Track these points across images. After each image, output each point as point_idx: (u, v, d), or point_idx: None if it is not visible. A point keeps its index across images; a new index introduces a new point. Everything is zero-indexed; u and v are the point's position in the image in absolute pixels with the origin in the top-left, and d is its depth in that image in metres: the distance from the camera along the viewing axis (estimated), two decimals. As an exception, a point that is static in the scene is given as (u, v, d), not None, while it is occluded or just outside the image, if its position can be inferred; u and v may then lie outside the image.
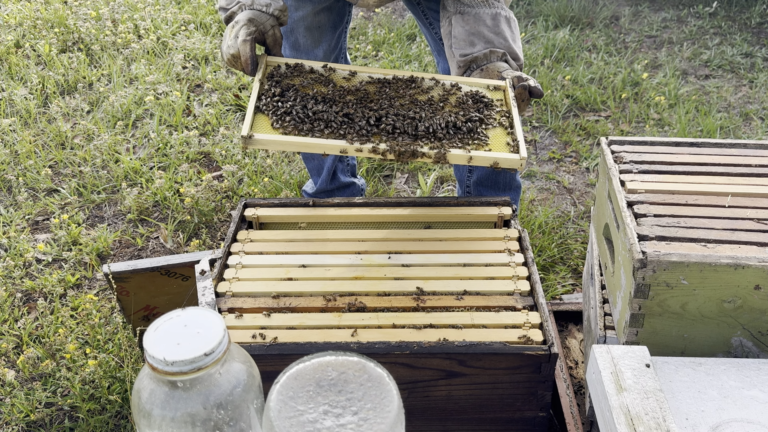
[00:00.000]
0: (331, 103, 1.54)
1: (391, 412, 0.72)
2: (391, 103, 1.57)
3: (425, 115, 1.53)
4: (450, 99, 1.62)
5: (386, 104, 1.56)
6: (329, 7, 2.01)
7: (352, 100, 1.56)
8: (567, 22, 4.34)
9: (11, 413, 1.82)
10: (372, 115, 1.51)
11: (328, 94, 1.56)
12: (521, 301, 1.41)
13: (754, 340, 1.27)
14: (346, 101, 1.55)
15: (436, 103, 1.60)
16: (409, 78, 1.67)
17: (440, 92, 1.64)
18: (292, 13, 1.98)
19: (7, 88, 3.47)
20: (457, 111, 1.57)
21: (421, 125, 1.50)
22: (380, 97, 1.59)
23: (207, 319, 0.82)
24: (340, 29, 2.10)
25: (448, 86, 1.66)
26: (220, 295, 1.43)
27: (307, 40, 2.04)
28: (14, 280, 2.30)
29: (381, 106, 1.55)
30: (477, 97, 1.63)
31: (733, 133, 3.18)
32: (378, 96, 1.60)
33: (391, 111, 1.53)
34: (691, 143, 1.60)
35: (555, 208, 2.68)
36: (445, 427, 1.37)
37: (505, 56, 1.72)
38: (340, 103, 1.54)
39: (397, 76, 1.68)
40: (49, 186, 2.80)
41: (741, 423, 1.07)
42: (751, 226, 1.30)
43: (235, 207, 2.52)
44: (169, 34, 4.06)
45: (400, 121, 1.50)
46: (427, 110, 1.56)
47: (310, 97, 1.54)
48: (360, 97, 1.58)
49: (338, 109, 1.52)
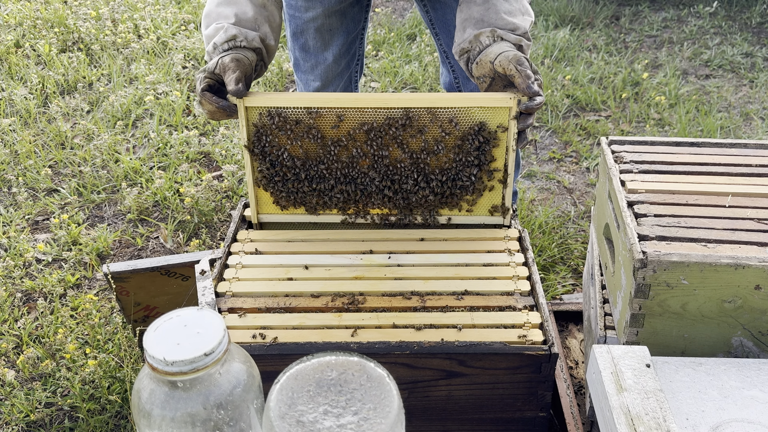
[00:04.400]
0: (324, 178, 1.59)
1: (391, 412, 0.72)
2: (381, 170, 1.57)
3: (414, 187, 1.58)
4: (446, 142, 1.54)
5: (376, 172, 1.58)
6: (342, 11, 1.96)
7: (342, 166, 1.57)
8: (567, 21, 4.34)
9: (11, 413, 1.82)
10: (363, 189, 1.60)
11: (321, 162, 1.58)
12: (521, 301, 1.41)
13: (755, 340, 1.27)
14: (338, 170, 1.58)
15: (430, 152, 1.54)
16: (403, 117, 1.52)
17: (437, 131, 1.53)
18: (302, 13, 1.94)
19: (7, 88, 3.47)
20: (452, 160, 1.55)
21: (413, 197, 1.60)
22: (370, 152, 1.55)
23: (207, 319, 0.82)
24: (354, 35, 2.04)
25: (446, 121, 1.52)
26: (220, 295, 1.43)
27: (317, 42, 1.99)
28: (14, 280, 2.30)
29: (371, 177, 1.58)
30: (475, 133, 1.53)
31: (734, 133, 3.18)
32: (368, 149, 1.55)
33: (382, 184, 1.59)
34: (691, 143, 1.60)
35: (555, 208, 2.68)
36: (445, 427, 1.37)
37: (494, 33, 1.52)
38: (332, 178, 1.59)
39: (390, 116, 1.52)
40: (49, 186, 2.80)
41: (741, 423, 1.07)
42: (752, 226, 1.30)
43: (235, 207, 2.52)
44: (169, 33, 4.06)
45: (390, 196, 1.60)
46: (419, 176, 1.57)
47: (301, 167, 1.58)
48: (351, 159, 1.56)
49: (332, 190, 1.60)
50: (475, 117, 1.52)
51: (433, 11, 1.95)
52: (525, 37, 1.55)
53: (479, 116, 1.52)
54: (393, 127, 1.53)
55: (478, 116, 1.52)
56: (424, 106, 1.51)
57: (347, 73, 2.10)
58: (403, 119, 1.52)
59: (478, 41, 1.53)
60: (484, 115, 1.51)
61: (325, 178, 1.59)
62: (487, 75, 1.52)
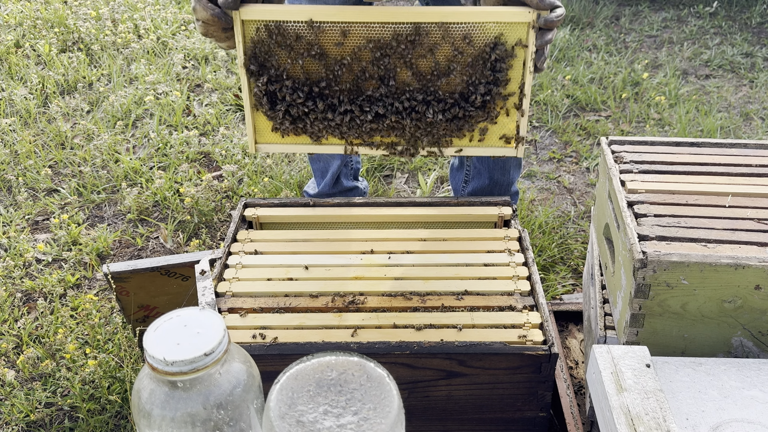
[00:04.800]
0: (326, 98, 1.45)
1: (391, 412, 0.72)
2: (389, 89, 1.44)
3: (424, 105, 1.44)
4: (460, 59, 1.41)
5: (384, 90, 1.44)
6: None
7: (348, 85, 1.44)
8: (567, 21, 4.34)
9: (11, 413, 1.82)
10: (371, 111, 1.46)
11: (321, 79, 1.44)
12: (521, 301, 1.41)
13: (755, 340, 1.26)
14: (342, 91, 1.44)
15: (441, 72, 1.42)
16: (412, 33, 1.39)
17: (449, 49, 1.41)
18: None
19: (7, 88, 3.47)
20: (466, 78, 1.43)
21: (423, 120, 1.45)
22: (378, 72, 1.43)
23: (207, 319, 0.82)
24: None
25: (458, 37, 1.39)
26: (220, 295, 1.43)
27: None
28: (14, 280, 2.30)
29: (379, 94, 1.44)
30: (490, 50, 1.40)
31: (734, 133, 3.18)
32: (376, 70, 1.43)
33: (389, 103, 1.45)
34: (691, 143, 1.60)
35: (555, 208, 2.68)
36: (445, 427, 1.37)
37: None
38: (336, 97, 1.45)
39: (398, 32, 1.40)
40: (49, 186, 2.80)
41: (741, 423, 1.07)
42: (752, 226, 1.30)
43: (235, 207, 2.52)
44: (169, 33, 4.06)
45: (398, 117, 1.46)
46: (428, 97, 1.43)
47: (301, 84, 1.44)
48: (356, 78, 1.44)
49: (335, 110, 1.46)
50: (491, 33, 1.39)
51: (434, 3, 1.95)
52: None
53: (495, 32, 1.39)
54: (402, 44, 1.41)
55: (493, 32, 1.39)
56: (435, 21, 1.38)
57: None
58: (413, 35, 1.39)
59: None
60: (500, 30, 1.39)
61: (327, 97, 1.46)
62: (496, 2, 1.40)
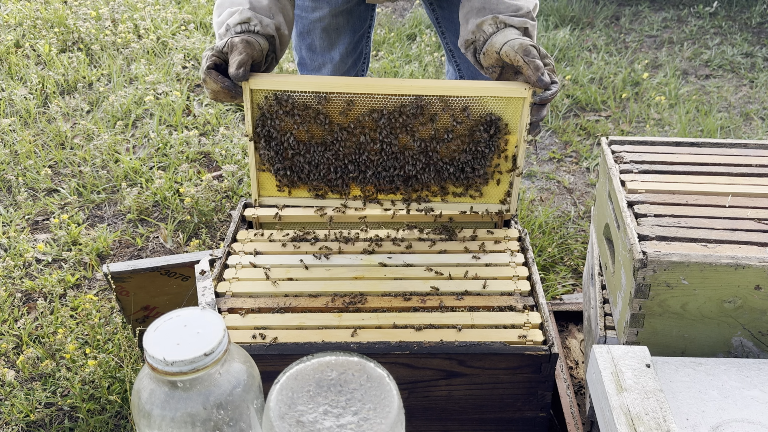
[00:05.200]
0: (330, 163, 1.54)
1: (391, 412, 0.72)
2: (387, 157, 1.53)
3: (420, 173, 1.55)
4: (457, 131, 1.50)
5: (383, 158, 1.54)
6: (349, 11, 1.94)
7: (350, 150, 1.53)
8: (567, 21, 4.34)
9: (11, 413, 1.82)
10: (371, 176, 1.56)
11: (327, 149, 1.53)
12: (521, 301, 1.41)
13: (755, 340, 1.26)
14: (345, 156, 1.53)
15: (439, 140, 1.51)
16: (415, 106, 1.47)
17: (448, 120, 1.49)
18: (309, 14, 1.93)
19: (7, 88, 3.47)
20: (463, 147, 1.52)
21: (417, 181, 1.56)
22: (379, 138, 1.51)
23: (207, 319, 0.82)
24: (360, 33, 2.03)
25: (458, 110, 1.48)
26: (220, 295, 1.43)
27: (324, 42, 1.98)
28: (14, 280, 2.30)
29: (377, 163, 1.54)
30: (487, 123, 1.49)
31: (734, 133, 3.18)
32: (377, 136, 1.50)
33: (384, 170, 1.55)
34: (691, 143, 1.60)
35: (555, 208, 2.68)
36: (445, 427, 1.37)
37: (496, 20, 1.47)
38: (339, 163, 1.55)
39: (403, 104, 1.47)
40: (48, 186, 2.80)
41: (741, 423, 1.07)
42: (752, 226, 1.30)
43: (235, 207, 2.52)
44: (169, 33, 4.06)
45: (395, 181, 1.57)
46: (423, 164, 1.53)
47: (306, 148, 1.53)
48: (358, 145, 1.52)
49: (338, 173, 1.56)
50: (488, 106, 1.48)
51: (440, 9, 1.95)
52: (529, 17, 1.49)
53: (492, 106, 1.48)
54: (404, 115, 1.48)
55: (491, 106, 1.48)
56: (436, 94, 1.46)
57: (353, 72, 2.09)
58: (415, 108, 1.47)
59: (482, 30, 1.48)
60: (497, 104, 1.47)
61: (331, 162, 1.54)
62: (495, 65, 1.47)
